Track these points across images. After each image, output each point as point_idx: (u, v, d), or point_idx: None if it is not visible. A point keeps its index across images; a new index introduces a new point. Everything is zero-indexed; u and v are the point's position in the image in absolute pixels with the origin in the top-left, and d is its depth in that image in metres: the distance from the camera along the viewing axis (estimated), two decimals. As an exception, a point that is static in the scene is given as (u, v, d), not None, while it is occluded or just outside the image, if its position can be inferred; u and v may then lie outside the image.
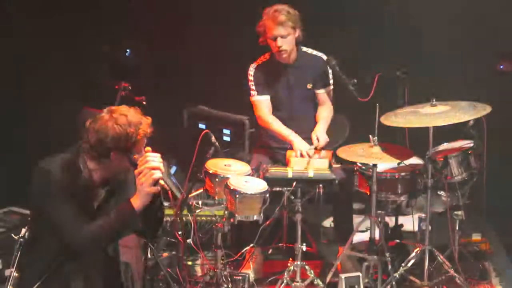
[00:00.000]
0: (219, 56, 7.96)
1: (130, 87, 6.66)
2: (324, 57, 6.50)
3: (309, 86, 6.50)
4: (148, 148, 4.35)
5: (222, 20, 7.90)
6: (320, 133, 6.36)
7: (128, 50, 7.08)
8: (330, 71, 6.47)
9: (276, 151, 6.51)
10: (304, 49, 6.54)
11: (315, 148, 6.23)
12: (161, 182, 4.27)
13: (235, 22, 7.85)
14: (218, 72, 7.89)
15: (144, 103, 6.63)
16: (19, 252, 4.47)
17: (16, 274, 4.43)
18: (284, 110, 6.51)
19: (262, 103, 6.50)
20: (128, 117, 4.30)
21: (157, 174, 4.26)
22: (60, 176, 4.24)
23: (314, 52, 6.55)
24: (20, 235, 4.53)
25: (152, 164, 4.26)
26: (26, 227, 4.54)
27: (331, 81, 6.54)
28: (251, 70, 6.51)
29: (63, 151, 4.41)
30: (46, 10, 7.45)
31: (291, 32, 6.31)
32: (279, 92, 6.50)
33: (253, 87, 6.50)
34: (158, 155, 4.32)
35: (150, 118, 4.40)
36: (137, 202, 4.27)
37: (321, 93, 6.54)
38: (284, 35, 6.29)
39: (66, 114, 6.88)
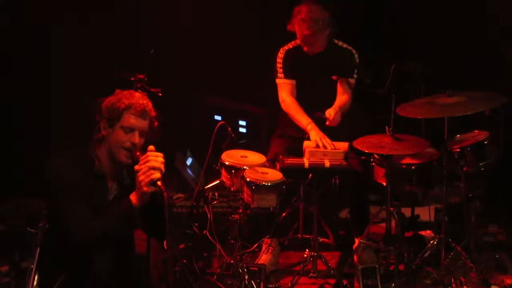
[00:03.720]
0: (236, 48, 7.95)
1: (146, 78, 6.66)
2: (354, 51, 6.51)
3: (335, 77, 6.49)
4: (151, 147, 4.32)
5: (240, 11, 7.88)
6: (333, 110, 6.29)
7: (152, 50, 7.07)
8: (357, 65, 6.46)
9: (295, 140, 6.46)
10: (336, 41, 6.54)
11: (325, 121, 6.19)
12: (159, 183, 4.23)
13: (253, 14, 7.85)
14: (234, 63, 7.88)
15: (160, 94, 6.63)
16: (38, 248, 4.50)
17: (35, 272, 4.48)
18: (307, 98, 6.50)
19: (288, 86, 6.52)
20: (123, 93, 4.35)
21: (156, 174, 4.22)
22: (70, 171, 4.27)
23: (345, 45, 6.56)
24: (36, 228, 4.56)
25: (153, 164, 4.23)
26: (43, 221, 4.56)
27: (354, 76, 6.52)
28: (281, 53, 6.55)
29: (76, 145, 4.44)
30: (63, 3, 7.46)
31: (322, 35, 6.35)
32: (304, 79, 6.52)
33: (281, 70, 6.53)
34: (161, 154, 4.29)
35: (147, 103, 4.42)
36: (136, 198, 4.26)
37: (342, 82, 6.52)
38: (315, 40, 6.33)
39: (81, 106, 6.89)
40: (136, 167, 4.27)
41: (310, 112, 6.41)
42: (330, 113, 6.24)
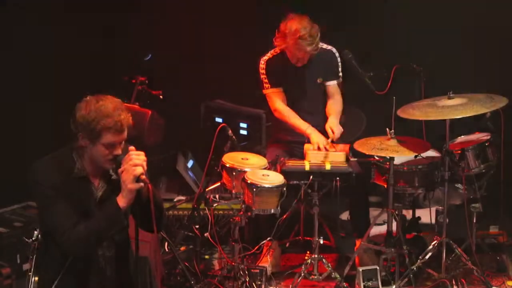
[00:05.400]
0: (236, 50, 7.95)
1: (147, 81, 6.67)
2: (334, 50, 6.46)
3: (319, 80, 6.48)
4: (132, 147, 4.35)
5: (239, 14, 7.88)
6: (334, 125, 6.30)
7: (150, 55, 7.07)
8: (339, 63, 6.45)
9: (291, 145, 6.49)
10: None
11: (332, 141, 6.21)
12: (142, 177, 4.27)
13: (253, 15, 7.85)
14: (235, 65, 7.88)
15: (161, 97, 6.63)
16: (34, 255, 4.53)
17: (35, 277, 4.50)
18: (295, 104, 6.47)
19: (278, 94, 6.46)
20: (96, 105, 4.31)
21: (138, 169, 4.25)
22: (49, 176, 4.28)
23: (324, 46, 6.44)
24: (33, 238, 4.60)
25: (134, 161, 4.27)
26: (38, 229, 4.59)
27: (340, 74, 6.51)
28: (262, 64, 6.46)
29: (57, 149, 4.46)
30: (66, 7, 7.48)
31: (316, 49, 6.27)
32: (290, 86, 6.47)
33: (267, 80, 6.45)
34: (142, 153, 4.33)
35: (122, 114, 4.34)
36: (122, 199, 4.29)
37: (330, 85, 6.51)
38: (308, 55, 6.28)
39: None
40: (120, 169, 4.31)
41: (301, 118, 6.42)
42: (330, 131, 6.24)
